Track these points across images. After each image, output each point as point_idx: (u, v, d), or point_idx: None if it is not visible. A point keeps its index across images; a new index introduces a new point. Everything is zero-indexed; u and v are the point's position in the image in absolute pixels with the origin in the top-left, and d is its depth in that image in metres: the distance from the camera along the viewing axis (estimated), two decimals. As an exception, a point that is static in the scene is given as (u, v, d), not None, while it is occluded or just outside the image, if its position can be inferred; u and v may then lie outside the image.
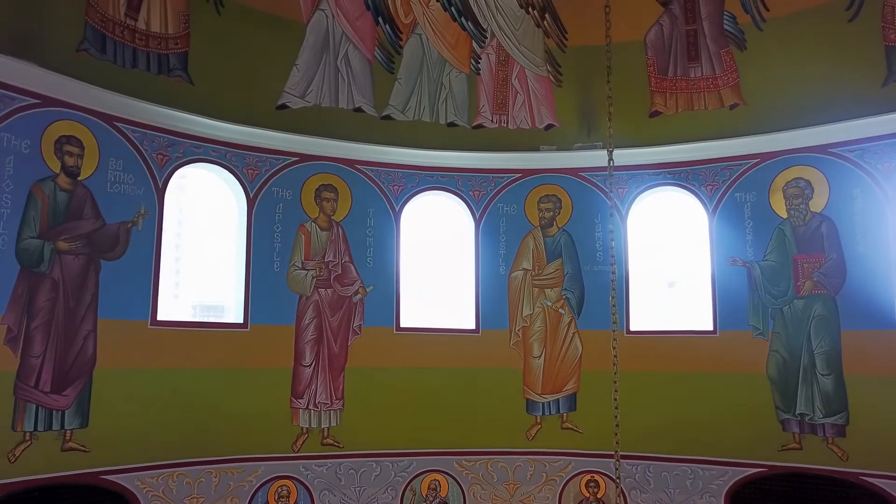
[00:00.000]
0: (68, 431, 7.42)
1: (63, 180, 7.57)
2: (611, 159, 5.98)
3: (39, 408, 7.21)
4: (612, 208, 7.19)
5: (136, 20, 8.39)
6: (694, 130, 9.86)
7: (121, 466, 7.79)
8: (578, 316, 10.00)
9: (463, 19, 10.42)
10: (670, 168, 9.90)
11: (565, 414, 9.86)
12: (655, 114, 10.14)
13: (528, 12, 10.45)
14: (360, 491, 9.30)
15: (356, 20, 10.04)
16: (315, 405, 9.23)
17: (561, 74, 10.50)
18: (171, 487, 8.17)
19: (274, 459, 8.93)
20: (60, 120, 7.56)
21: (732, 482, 9.00)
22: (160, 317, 8.27)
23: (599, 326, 9.85)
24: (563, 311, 10.03)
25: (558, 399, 9.89)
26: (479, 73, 10.53)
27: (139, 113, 8.24)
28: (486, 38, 10.51)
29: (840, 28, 8.89)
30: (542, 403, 9.89)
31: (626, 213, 10.04)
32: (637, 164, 10.01)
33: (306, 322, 9.29)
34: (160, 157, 8.45)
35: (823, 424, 8.54)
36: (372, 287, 9.67)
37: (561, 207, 10.21)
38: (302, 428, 9.16)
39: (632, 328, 9.83)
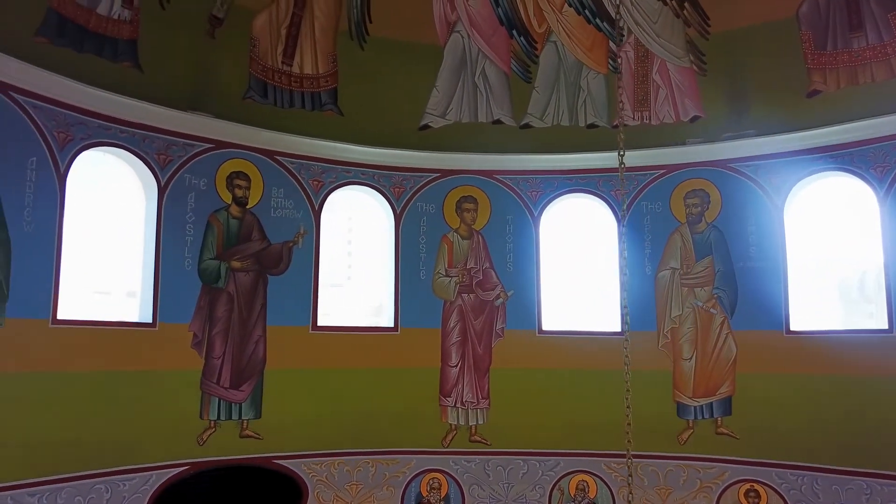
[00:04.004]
0: (245, 421, 8.79)
1: (234, 209, 8.99)
2: (622, 163, 5.79)
3: (221, 401, 8.65)
4: (624, 213, 6.81)
5: (291, 66, 9.67)
6: (860, 107, 8.88)
7: (290, 453, 9.02)
8: (731, 316, 9.47)
9: (598, 20, 10.40)
10: (832, 151, 9.00)
11: (720, 418, 9.38)
12: (814, 93, 9.29)
13: (665, 3, 10.13)
14: (508, 487, 9.69)
15: (491, 37, 10.50)
16: (462, 403, 9.82)
17: (705, 63, 10.02)
18: (333, 474, 9.25)
19: (425, 453, 9.66)
20: (231, 159, 9.00)
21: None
22: (319, 322, 9.42)
23: (755, 326, 9.31)
24: (714, 311, 9.56)
25: (711, 403, 9.44)
26: (617, 73, 10.43)
27: (296, 146, 9.48)
28: (623, 36, 10.38)
29: None
30: (694, 407, 9.51)
31: (784, 204, 9.31)
32: (794, 150, 9.26)
33: (451, 325, 9.92)
34: (315, 183, 9.62)
35: None
36: (513, 291, 10.04)
37: (709, 202, 9.75)
38: (450, 425, 9.79)
39: (792, 328, 9.10)
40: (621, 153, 5.74)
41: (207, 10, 8.98)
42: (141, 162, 8.28)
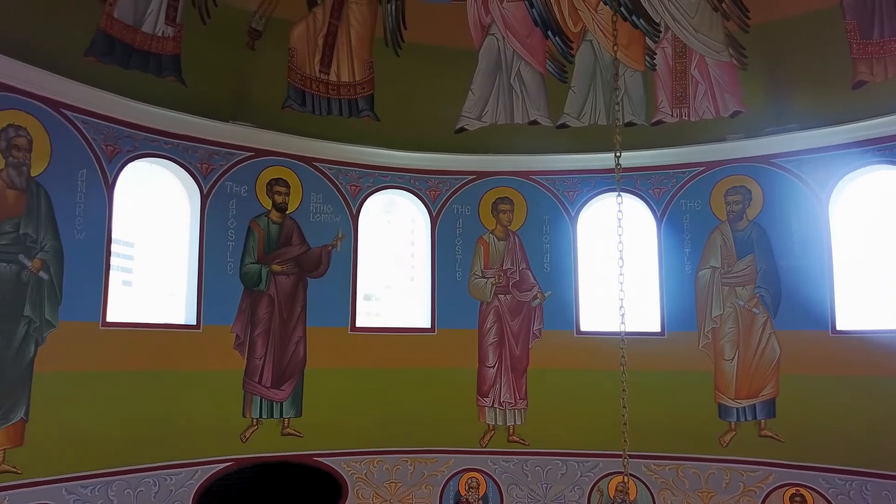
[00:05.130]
0: (286, 419, 9.09)
1: (274, 215, 9.31)
2: (618, 164, 5.72)
3: (262, 399, 8.98)
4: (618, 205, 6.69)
5: (328, 74, 9.94)
6: (909, 97, 8.55)
7: (330, 451, 9.28)
8: (775, 315, 9.23)
9: (634, 17, 10.30)
10: (879, 144, 8.68)
11: (763, 421, 9.15)
12: (859, 84, 8.97)
13: (703, -2, 9.97)
14: (546, 487, 9.70)
15: (526, 38, 10.52)
16: (500, 404, 9.88)
17: (745, 57, 9.79)
18: (372, 472, 9.47)
19: (463, 453, 9.77)
20: (270, 166, 9.33)
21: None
22: (358, 324, 9.66)
23: (800, 326, 9.06)
24: (756, 311, 9.33)
25: (754, 405, 9.22)
26: (655, 69, 10.30)
27: (334, 152, 9.74)
28: (660, 32, 10.24)
29: None
30: (737, 409, 9.30)
31: (829, 199, 9.02)
32: (839, 144, 8.97)
33: (488, 326, 10.00)
34: (353, 188, 9.87)
35: None
36: (550, 292, 10.04)
37: (751, 199, 9.53)
38: (488, 425, 9.87)
39: (838, 327, 8.81)
40: (618, 154, 5.77)
41: (247, 23, 9.34)
42: (184, 171, 8.69)
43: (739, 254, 9.51)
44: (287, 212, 9.39)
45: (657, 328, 9.81)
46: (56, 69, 7.44)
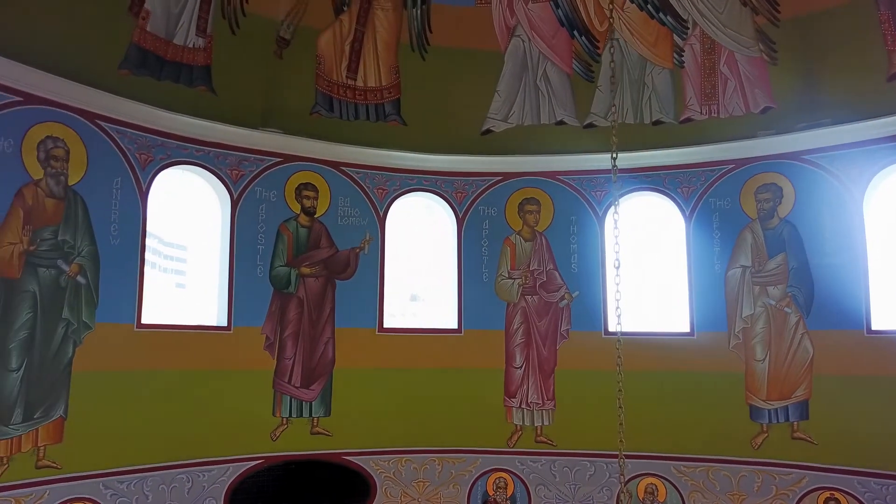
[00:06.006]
0: (315, 418, 9.30)
1: (303, 219, 9.53)
2: (615, 165, 5.66)
3: (292, 399, 9.20)
4: (615, 204, 6.61)
5: (355, 80, 10.12)
6: (947, 87, 8.28)
7: (358, 450, 9.46)
8: (807, 315, 9.02)
9: (661, 15, 10.20)
10: (917, 137, 8.44)
11: (796, 423, 8.96)
12: (895, 77, 8.72)
13: (732, -8, 9.81)
14: (574, 488, 9.68)
15: (552, 38, 10.52)
16: (527, 404, 9.90)
17: (776, 52, 9.61)
18: (400, 471, 9.60)
19: (491, 453, 9.82)
20: (299, 171, 9.55)
21: None
22: (386, 325, 9.81)
23: (833, 326, 8.85)
24: (788, 310, 9.14)
25: (787, 406, 9.03)
26: (683, 67, 10.18)
27: (361, 157, 9.91)
28: (688, 28, 10.11)
29: None
30: (768, 410, 9.13)
31: (863, 196, 8.79)
32: (873, 139, 8.75)
33: (515, 327, 10.03)
34: (380, 191, 10.02)
35: None
36: (578, 292, 10.01)
37: (782, 196, 9.34)
38: (516, 425, 9.90)
39: (873, 327, 8.57)
40: (614, 156, 5.72)
41: (275, 32, 9.59)
42: (215, 177, 8.97)
43: (770, 252, 9.33)
44: (315, 216, 9.60)
45: (686, 329, 9.71)
46: (91, 82, 7.78)
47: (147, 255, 8.33)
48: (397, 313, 10.32)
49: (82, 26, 7.90)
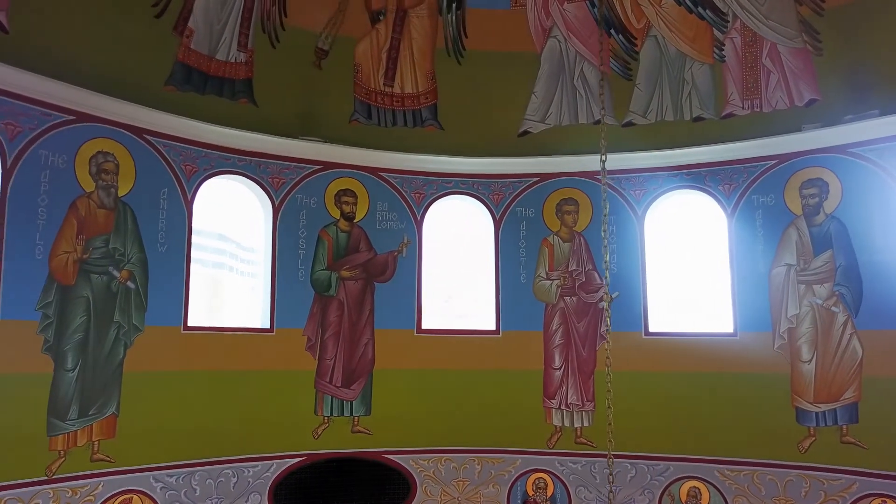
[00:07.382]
0: (356, 417, 9.56)
1: (342, 224, 9.83)
2: (603, 169, 5.58)
3: (333, 398, 9.49)
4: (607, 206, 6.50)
5: (392, 87, 10.35)
6: None
7: (399, 448, 9.66)
8: (856, 314, 8.67)
9: (700, 9, 10.00)
10: (969, 128, 8.01)
11: (845, 426, 8.63)
12: (944, 65, 8.31)
13: (773, -17, 9.53)
14: (615, 490, 9.59)
15: (588, 38, 10.47)
16: (567, 406, 9.89)
17: (820, 42, 9.29)
18: (440, 470, 9.75)
19: (531, 453, 9.85)
20: (338, 178, 9.85)
21: None
22: (424, 326, 9.99)
23: (884, 325, 8.50)
24: (836, 310, 8.81)
25: (835, 409, 8.71)
26: (723, 61, 9.95)
27: (398, 162, 10.13)
28: (728, 22, 9.89)
29: None
30: (816, 413, 8.82)
31: (909, 191, 8.42)
32: (916, 132, 8.36)
33: (554, 328, 10.03)
34: (417, 195, 10.21)
35: None
36: (618, 293, 9.88)
37: (828, 192, 9.00)
38: (555, 426, 9.90)
39: (909, 327, 8.21)
40: (603, 158, 5.71)
41: (313, 43, 9.94)
42: (257, 185, 9.36)
43: (816, 250, 9.02)
44: (354, 220, 9.88)
45: (730, 329, 9.48)
46: (138, 100, 8.28)
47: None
48: (436, 315, 10.46)
49: (130, 48, 8.42)
